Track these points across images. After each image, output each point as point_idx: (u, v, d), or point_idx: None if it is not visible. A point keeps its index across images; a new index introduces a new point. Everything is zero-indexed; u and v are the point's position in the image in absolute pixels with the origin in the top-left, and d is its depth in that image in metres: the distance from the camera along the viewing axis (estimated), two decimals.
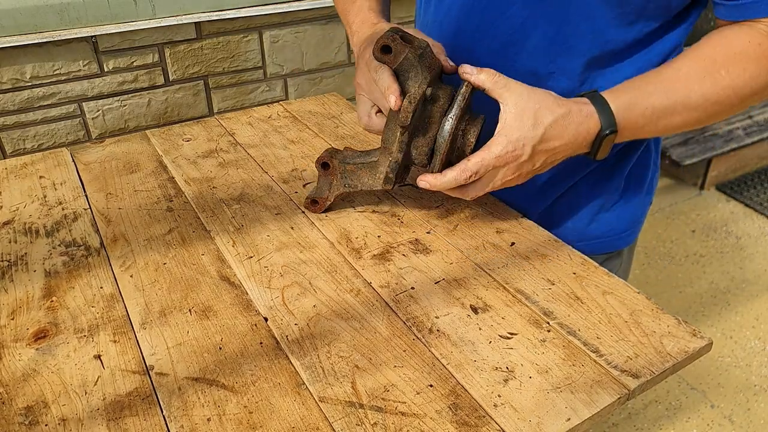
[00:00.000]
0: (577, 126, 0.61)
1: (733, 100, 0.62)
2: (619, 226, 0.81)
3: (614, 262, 0.84)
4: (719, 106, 0.63)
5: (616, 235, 0.82)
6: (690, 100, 0.62)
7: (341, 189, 0.72)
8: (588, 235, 0.80)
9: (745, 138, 2.49)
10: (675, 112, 0.62)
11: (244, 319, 0.59)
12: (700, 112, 0.63)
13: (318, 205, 0.75)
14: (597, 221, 0.80)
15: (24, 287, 0.64)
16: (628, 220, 0.82)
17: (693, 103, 0.62)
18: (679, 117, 0.63)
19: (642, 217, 0.84)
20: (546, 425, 0.48)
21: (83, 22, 1.41)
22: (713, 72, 0.62)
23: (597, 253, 0.81)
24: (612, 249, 0.82)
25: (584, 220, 0.79)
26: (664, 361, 0.53)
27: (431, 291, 0.62)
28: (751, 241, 2.24)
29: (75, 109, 1.51)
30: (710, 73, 0.62)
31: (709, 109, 0.63)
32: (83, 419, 0.49)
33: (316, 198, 0.75)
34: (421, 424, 0.48)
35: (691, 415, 1.61)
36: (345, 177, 0.71)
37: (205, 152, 0.91)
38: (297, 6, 1.64)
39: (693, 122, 0.64)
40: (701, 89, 0.62)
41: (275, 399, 0.51)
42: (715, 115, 0.64)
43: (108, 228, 0.73)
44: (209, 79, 1.64)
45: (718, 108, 0.63)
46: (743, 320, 1.90)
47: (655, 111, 0.62)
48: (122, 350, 0.56)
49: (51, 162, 0.89)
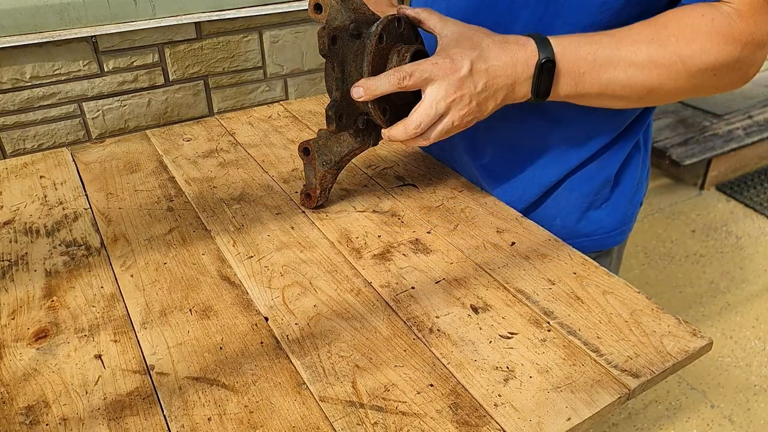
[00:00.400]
0: (514, 51, 0.61)
1: (680, 69, 0.61)
2: (608, 224, 0.81)
3: (603, 261, 0.84)
4: (665, 72, 0.61)
5: (606, 234, 0.82)
6: (636, 56, 0.61)
7: (321, 170, 0.74)
8: (577, 232, 0.80)
9: (745, 138, 2.49)
10: (618, 66, 0.61)
11: (245, 319, 0.59)
12: (645, 74, 0.61)
13: (311, 199, 0.75)
14: (586, 219, 0.80)
15: (24, 287, 0.64)
16: (617, 219, 0.82)
17: (638, 61, 0.61)
18: (623, 73, 0.61)
19: (632, 216, 0.84)
20: (546, 425, 0.48)
21: (83, 22, 1.41)
22: (663, 37, 0.61)
23: (586, 251, 0.81)
24: (601, 248, 0.82)
25: (573, 218, 0.79)
26: (665, 360, 0.53)
27: (431, 291, 0.62)
28: (751, 241, 2.24)
29: (75, 109, 1.51)
30: (659, 37, 0.61)
31: (654, 72, 0.61)
32: (84, 419, 0.49)
33: (308, 192, 0.75)
34: (421, 424, 0.48)
35: (691, 415, 1.61)
36: (321, 155, 0.73)
37: (205, 152, 0.91)
38: (297, 6, 1.64)
39: (638, 85, 0.62)
40: (648, 49, 0.61)
41: (276, 398, 0.51)
42: (660, 83, 0.62)
43: (108, 228, 0.73)
44: (209, 79, 1.64)
45: (664, 74, 0.61)
46: (743, 320, 1.90)
47: (597, 59, 0.61)
48: (123, 350, 0.56)
49: (51, 162, 0.89)
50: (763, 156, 2.66)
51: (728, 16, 0.61)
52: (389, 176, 0.84)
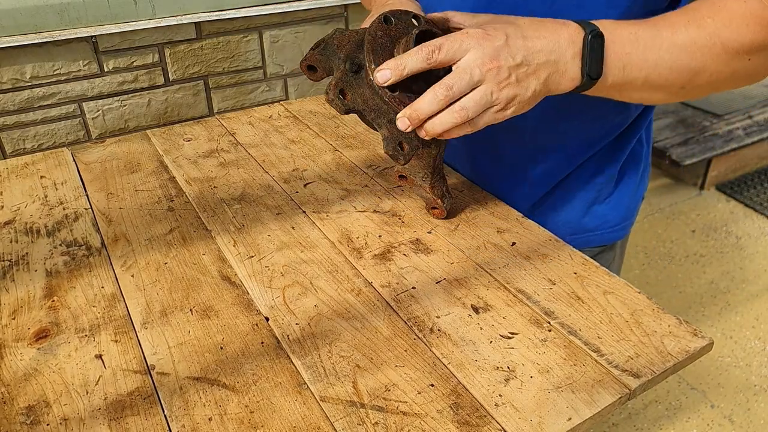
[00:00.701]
0: (556, 28, 0.57)
1: (719, 50, 0.59)
2: (612, 218, 0.82)
3: (607, 256, 0.84)
4: (707, 52, 0.59)
5: (610, 228, 0.82)
6: (676, 37, 0.58)
7: (425, 185, 0.69)
8: (582, 227, 0.80)
9: (745, 138, 2.49)
10: (662, 47, 0.58)
11: (245, 319, 0.59)
12: (689, 55, 0.59)
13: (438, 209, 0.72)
14: (591, 214, 0.80)
15: (25, 287, 0.64)
16: (621, 214, 0.82)
17: (679, 42, 0.58)
18: (667, 53, 0.58)
19: (635, 210, 0.85)
20: (547, 425, 0.48)
21: (83, 22, 1.41)
22: (698, 18, 0.59)
23: (591, 246, 0.82)
24: (606, 242, 0.83)
25: (578, 213, 0.80)
26: (665, 360, 0.53)
27: (432, 291, 0.62)
28: (751, 241, 2.24)
29: (75, 109, 1.51)
30: (695, 19, 0.59)
31: (697, 53, 0.59)
32: (85, 419, 0.49)
33: (433, 206, 0.72)
34: (422, 424, 0.48)
35: (691, 415, 1.61)
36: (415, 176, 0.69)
37: (205, 152, 0.91)
38: (297, 6, 1.64)
39: (683, 67, 0.59)
40: (687, 30, 0.58)
41: (276, 398, 0.51)
42: (703, 64, 0.59)
43: (109, 228, 0.73)
44: (209, 79, 1.64)
45: (707, 54, 0.59)
46: (743, 320, 1.90)
47: (640, 38, 0.58)
48: (123, 350, 0.56)
49: (52, 162, 0.89)
50: (763, 156, 2.66)
51: (760, 1, 0.59)
52: (390, 176, 0.84)
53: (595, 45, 0.56)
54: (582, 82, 0.58)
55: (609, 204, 0.80)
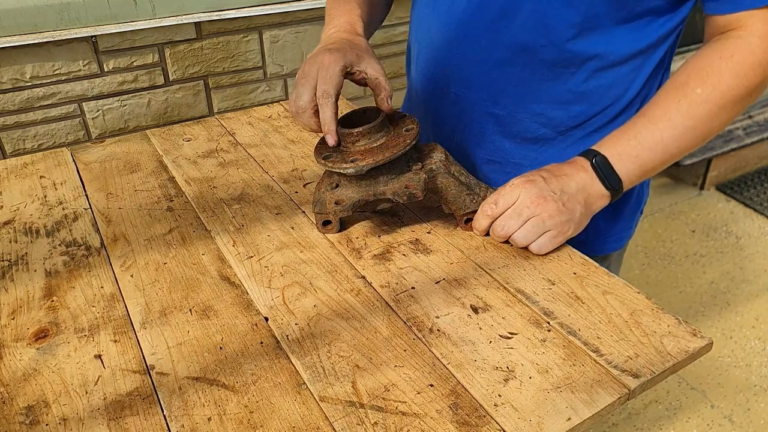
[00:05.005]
0: (567, 165, 0.68)
1: (717, 110, 0.65)
2: (606, 229, 0.81)
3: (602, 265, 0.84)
4: (706, 119, 0.65)
5: (602, 239, 0.82)
6: (674, 122, 0.66)
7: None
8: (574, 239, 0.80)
9: (745, 138, 2.49)
10: (663, 138, 0.66)
11: (245, 319, 0.59)
12: (692, 131, 0.66)
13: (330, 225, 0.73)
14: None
15: (24, 287, 0.64)
16: (617, 225, 0.82)
17: (678, 124, 0.66)
18: (672, 140, 0.66)
19: (632, 223, 0.85)
20: (546, 425, 0.48)
21: (83, 22, 1.41)
22: (688, 94, 0.65)
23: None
24: (598, 252, 0.82)
25: None
26: (665, 360, 0.53)
27: (431, 291, 0.62)
28: (751, 241, 2.24)
29: (75, 109, 1.51)
30: (685, 96, 0.65)
31: (698, 125, 0.66)
32: (84, 419, 0.49)
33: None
34: (421, 424, 0.48)
35: (691, 415, 1.61)
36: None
37: (205, 152, 0.91)
38: (297, 6, 1.64)
39: (691, 140, 0.67)
40: (679, 112, 0.65)
41: (276, 398, 0.51)
42: (709, 128, 0.66)
43: (108, 228, 0.73)
44: (209, 79, 1.64)
45: (707, 120, 0.66)
46: (743, 320, 1.90)
47: (641, 141, 0.67)
48: (123, 350, 0.56)
49: (51, 162, 0.89)
50: (763, 156, 2.66)
51: (747, 43, 0.63)
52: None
53: (602, 165, 0.66)
54: (612, 194, 0.67)
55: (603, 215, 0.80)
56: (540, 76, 0.72)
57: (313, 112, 0.66)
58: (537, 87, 0.73)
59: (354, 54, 0.67)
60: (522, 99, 0.74)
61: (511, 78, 0.73)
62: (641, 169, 0.67)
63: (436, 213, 0.75)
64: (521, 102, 0.75)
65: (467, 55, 0.75)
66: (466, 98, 0.78)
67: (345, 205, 0.68)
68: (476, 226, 0.69)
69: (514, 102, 0.75)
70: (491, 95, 0.76)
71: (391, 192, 0.66)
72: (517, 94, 0.74)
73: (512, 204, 0.65)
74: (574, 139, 0.76)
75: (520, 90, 0.74)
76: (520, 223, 0.65)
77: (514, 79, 0.73)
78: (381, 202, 0.70)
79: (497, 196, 0.67)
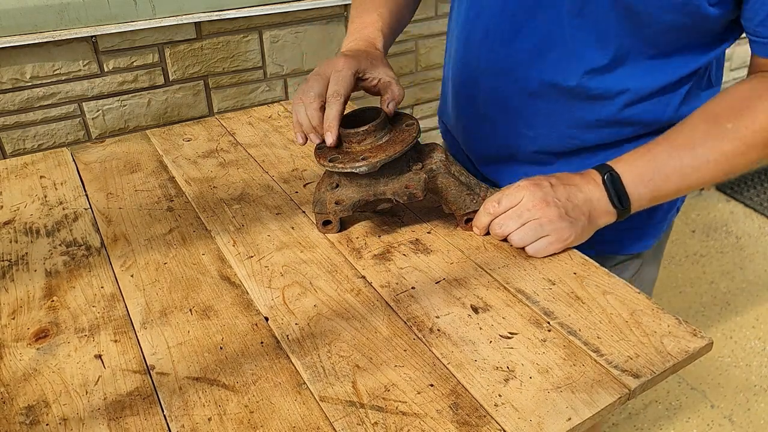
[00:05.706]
0: (579, 176, 0.67)
1: (742, 148, 0.63)
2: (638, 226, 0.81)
3: (632, 264, 0.84)
4: (732, 158, 0.64)
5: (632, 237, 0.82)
6: (696, 152, 0.64)
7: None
8: (595, 239, 0.79)
9: None
10: (683, 167, 0.64)
11: (245, 319, 0.59)
12: (714, 165, 0.64)
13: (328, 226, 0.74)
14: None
15: (25, 287, 0.64)
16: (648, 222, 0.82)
17: (701, 156, 0.64)
18: (692, 171, 0.64)
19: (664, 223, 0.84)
20: (546, 425, 0.48)
21: (83, 22, 1.41)
22: (718, 127, 0.63)
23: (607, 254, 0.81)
24: (629, 251, 0.82)
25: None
26: (665, 360, 0.53)
27: (432, 291, 0.62)
28: (751, 241, 2.24)
29: (75, 109, 1.51)
30: (715, 127, 0.63)
31: (721, 161, 0.64)
32: (84, 419, 0.49)
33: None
34: (421, 424, 0.48)
35: (691, 415, 1.61)
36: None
37: (205, 152, 0.91)
38: (297, 6, 1.64)
39: (711, 175, 0.65)
40: (704, 144, 0.64)
41: (276, 398, 0.51)
42: (732, 167, 0.64)
43: (108, 228, 0.73)
44: (209, 79, 1.64)
45: (733, 159, 0.64)
46: (743, 320, 1.90)
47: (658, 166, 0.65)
48: (123, 350, 0.56)
49: (51, 162, 0.89)
50: None
51: None
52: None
53: (613, 182, 0.65)
54: (618, 213, 0.66)
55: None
56: (571, 107, 0.73)
57: (319, 106, 0.66)
58: (569, 117, 0.74)
59: (368, 61, 0.69)
60: (554, 124, 0.76)
61: (541, 109, 0.75)
62: (653, 193, 0.66)
63: (436, 213, 0.75)
64: (554, 126, 0.76)
65: (502, 85, 0.77)
66: (500, 120, 0.80)
67: (345, 205, 0.68)
68: (476, 223, 0.69)
69: (546, 126, 0.76)
70: (524, 120, 0.77)
71: (391, 192, 0.66)
72: (549, 121, 0.76)
73: (515, 205, 0.66)
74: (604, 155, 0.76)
75: (551, 118, 0.75)
76: (518, 224, 0.65)
77: (544, 110, 0.75)
78: (381, 202, 0.70)
79: (501, 195, 0.67)
